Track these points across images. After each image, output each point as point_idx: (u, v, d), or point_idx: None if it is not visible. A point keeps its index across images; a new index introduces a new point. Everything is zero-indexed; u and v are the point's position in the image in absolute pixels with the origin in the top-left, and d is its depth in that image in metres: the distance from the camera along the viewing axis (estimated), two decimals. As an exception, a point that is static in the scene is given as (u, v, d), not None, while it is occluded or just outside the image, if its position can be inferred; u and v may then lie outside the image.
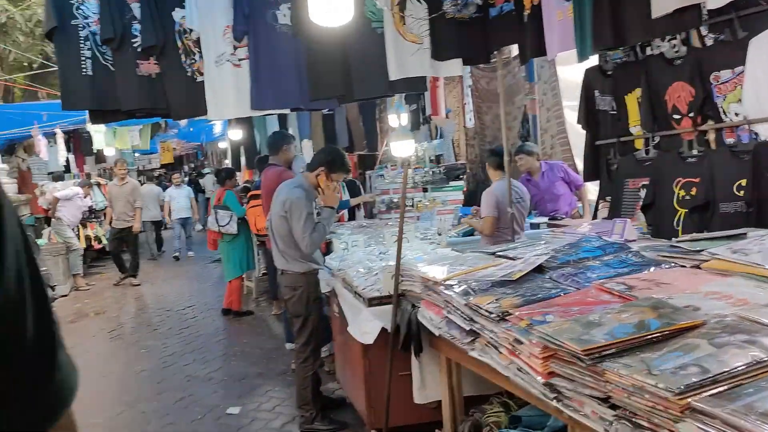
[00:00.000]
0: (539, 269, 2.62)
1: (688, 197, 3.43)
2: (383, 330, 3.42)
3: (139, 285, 10.13)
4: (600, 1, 3.05)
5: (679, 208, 3.48)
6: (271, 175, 5.38)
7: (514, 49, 5.54)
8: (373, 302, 3.53)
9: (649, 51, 3.77)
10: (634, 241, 3.01)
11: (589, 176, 4.50)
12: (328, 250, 5.12)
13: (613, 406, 1.63)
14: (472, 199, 7.18)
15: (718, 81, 3.29)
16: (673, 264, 2.41)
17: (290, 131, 8.09)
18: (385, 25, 4.11)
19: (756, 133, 3.13)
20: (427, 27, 4.09)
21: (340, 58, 4.31)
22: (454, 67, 4.33)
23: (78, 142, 12.56)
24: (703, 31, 3.42)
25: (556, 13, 3.39)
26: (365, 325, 3.52)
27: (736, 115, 3.23)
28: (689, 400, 1.37)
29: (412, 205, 6.65)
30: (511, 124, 6.48)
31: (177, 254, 12.75)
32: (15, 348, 0.55)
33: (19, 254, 0.55)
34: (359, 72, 4.34)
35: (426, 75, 4.44)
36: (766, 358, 1.45)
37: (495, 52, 4.28)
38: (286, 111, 5.26)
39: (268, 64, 4.38)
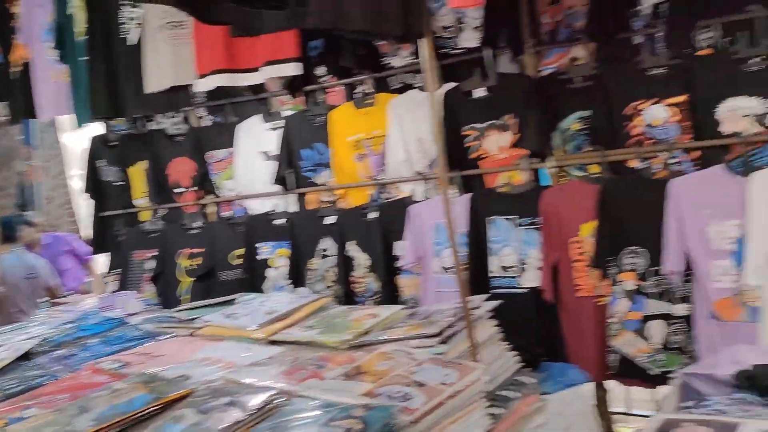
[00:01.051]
0: (26, 356, 2.29)
1: (194, 266, 3.59)
2: None
3: None
4: (96, 69, 3.00)
5: (185, 278, 3.60)
6: None
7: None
8: None
9: (153, 125, 3.88)
10: (137, 314, 2.95)
11: (98, 248, 4.29)
12: None
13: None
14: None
15: (213, 158, 3.60)
16: (171, 334, 2.43)
17: None
18: None
19: (246, 208, 3.51)
20: None
21: None
22: None
23: None
24: (201, 112, 3.73)
25: (50, 74, 3.18)
26: None
27: (231, 190, 3.57)
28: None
29: None
30: (8, 190, 5.77)
31: None
32: None
33: None
34: None
35: None
36: (244, 417, 1.54)
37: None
38: None
39: None
